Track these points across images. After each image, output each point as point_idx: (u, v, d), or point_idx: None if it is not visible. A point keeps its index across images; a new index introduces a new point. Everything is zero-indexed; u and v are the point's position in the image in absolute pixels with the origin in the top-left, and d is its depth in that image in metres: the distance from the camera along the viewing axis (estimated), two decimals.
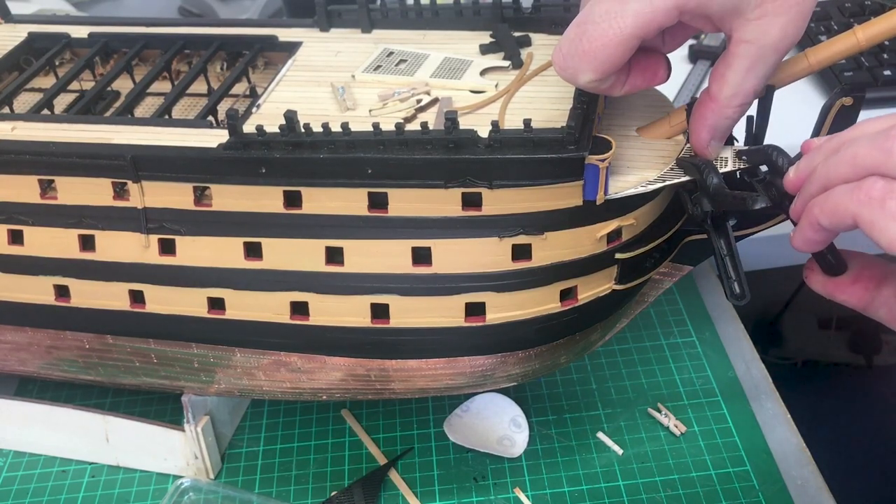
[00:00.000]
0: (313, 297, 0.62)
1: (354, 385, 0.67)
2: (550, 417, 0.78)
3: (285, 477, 0.75)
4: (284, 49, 0.73)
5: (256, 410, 0.81)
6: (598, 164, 0.55)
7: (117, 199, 0.63)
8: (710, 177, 0.55)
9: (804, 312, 1.26)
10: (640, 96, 0.65)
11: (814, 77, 1.01)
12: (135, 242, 0.63)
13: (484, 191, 0.57)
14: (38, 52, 0.77)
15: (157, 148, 0.61)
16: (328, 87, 0.66)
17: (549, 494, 0.72)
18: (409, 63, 0.68)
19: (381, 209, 0.59)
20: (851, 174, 0.45)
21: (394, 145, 0.57)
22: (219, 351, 0.67)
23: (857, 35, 0.55)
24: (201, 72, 0.72)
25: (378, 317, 0.62)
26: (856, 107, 0.57)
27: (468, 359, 0.64)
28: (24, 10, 1.02)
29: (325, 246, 0.61)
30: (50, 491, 0.76)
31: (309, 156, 0.58)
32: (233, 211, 0.61)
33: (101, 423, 0.75)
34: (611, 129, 0.63)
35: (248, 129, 0.59)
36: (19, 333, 0.71)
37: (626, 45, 0.52)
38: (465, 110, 0.62)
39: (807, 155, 0.51)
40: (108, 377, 0.72)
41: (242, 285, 0.63)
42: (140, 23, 0.78)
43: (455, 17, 0.72)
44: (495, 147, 0.55)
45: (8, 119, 0.66)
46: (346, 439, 0.78)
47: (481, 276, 0.60)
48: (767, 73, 0.55)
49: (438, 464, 0.75)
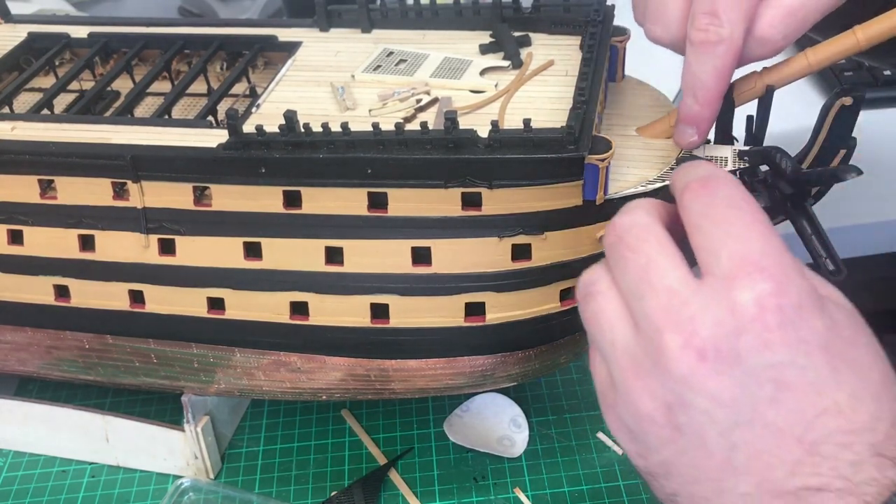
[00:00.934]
0: (313, 297, 0.62)
1: (354, 385, 0.67)
2: (550, 417, 0.78)
3: (285, 477, 0.75)
4: (284, 49, 0.73)
5: (256, 410, 0.81)
6: (597, 163, 0.55)
7: (117, 198, 0.63)
8: (784, 160, 0.55)
9: None
10: (640, 96, 0.65)
11: (814, 77, 1.01)
12: (134, 242, 0.63)
13: (484, 191, 0.57)
14: (37, 52, 0.77)
15: (157, 148, 0.61)
16: (328, 87, 0.66)
17: (548, 494, 0.72)
18: (408, 63, 0.68)
19: (381, 209, 0.59)
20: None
21: (393, 145, 0.56)
22: (218, 351, 0.67)
23: (856, 35, 0.55)
24: (201, 72, 0.72)
25: (378, 317, 0.62)
26: (855, 107, 0.57)
27: (468, 359, 0.64)
28: (24, 10, 1.02)
29: (324, 246, 0.61)
30: (50, 491, 0.76)
31: (309, 156, 0.58)
32: (232, 211, 0.61)
33: (101, 423, 0.75)
34: (610, 128, 0.63)
35: (248, 129, 0.59)
36: (19, 333, 0.71)
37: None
38: (465, 110, 0.62)
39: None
40: (107, 377, 0.72)
41: (242, 285, 0.63)
42: (140, 23, 0.78)
43: (455, 17, 0.72)
44: (495, 147, 0.55)
45: (8, 119, 0.66)
46: (346, 439, 0.78)
47: (481, 275, 0.60)
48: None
49: (438, 464, 0.75)
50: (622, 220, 0.46)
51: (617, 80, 0.67)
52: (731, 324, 0.41)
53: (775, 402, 0.40)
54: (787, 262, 0.42)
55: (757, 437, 0.41)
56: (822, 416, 0.40)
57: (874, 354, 0.43)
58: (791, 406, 0.40)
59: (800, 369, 0.41)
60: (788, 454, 0.40)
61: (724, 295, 0.41)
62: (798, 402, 0.40)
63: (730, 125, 0.60)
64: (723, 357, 0.41)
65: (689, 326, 0.41)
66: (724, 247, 0.42)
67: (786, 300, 0.41)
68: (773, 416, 0.41)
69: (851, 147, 0.59)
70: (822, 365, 0.41)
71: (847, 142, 0.59)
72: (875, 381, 0.42)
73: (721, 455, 0.42)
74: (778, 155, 0.56)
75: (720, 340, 0.41)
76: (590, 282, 0.47)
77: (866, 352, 0.43)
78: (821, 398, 0.40)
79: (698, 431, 0.42)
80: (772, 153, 0.56)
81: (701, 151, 0.59)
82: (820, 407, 0.40)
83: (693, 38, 0.52)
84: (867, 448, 0.40)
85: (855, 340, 0.43)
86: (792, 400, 0.40)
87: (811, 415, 0.40)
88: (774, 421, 0.40)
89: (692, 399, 0.42)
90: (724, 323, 0.41)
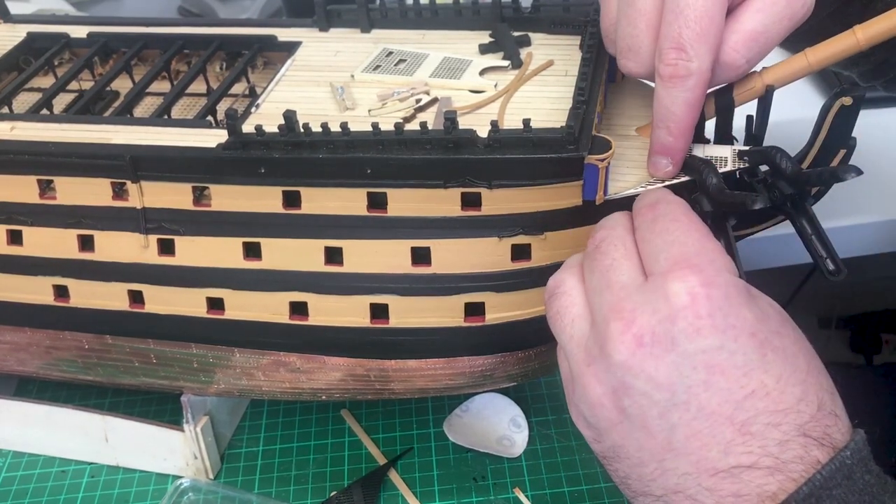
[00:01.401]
0: (312, 297, 0.62)
1: (354, 385, 0.67)
2: (550, 417, 0.78)
3: (285, 477, 0.75)
4: (283, 49, 0.73)
5: (256, 410, 0.81)
6: (597, 164, 0.55)
7: (116, 199, 0.63)
8: (710, 177, 0.55)
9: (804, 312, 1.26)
10: (640, 96, 0.65)
11: (814, 78, 1.01)
12: (134, 242, 0.63)
13: (483, 191, 0.57)
14: (36, 52, 0.77)
15: (157, 148, 0.61)
16: (327, 87, 0.66)
17: (548, 494, 0.72)
18: (408, 63, 0.68)
19: (381, 209, 0.59)
20: None
21: (393, 145, 0.56)
22: (218, 351, 0.67)
23: (856, 35, 0.55)
24: (200, 71, 0.72)
25: (377, 317, 0.62)
26: (855, 107, 0.57)
27: (468, 359, 0.64)
28: (24, 10, 1.02)
29: (324, 246, 0.60)
30: (49, 491, 0.76)
31: (308, 156, 0.58)
32: (232, 211, 0.61)
33: (101, 423, 0.75)
34: (610, 129, 0.62)
35: (248, 129, 0.59)
36: (18, 334, 0.71)
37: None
38: (465, 110, 0.62)
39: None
40: (107, 377, 0.72)
41: (242, 285, 0.63)
42: (139, 23, 0.78)
43: (454, 17, 0.72)
44: (495, 147, 0.55)
45: (7, 119, 0.66)
46: (345, 439, 0.78)
47: (481, 276, 0.60)
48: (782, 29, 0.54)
49: (438, 464, 0.75)
50: (601, 232, 0.51)
51: (616, 80, 0.67)
52: (665, 312, 0.45)
53: (707, 384, 0.44)
54: (719, 260, 0.46)
55: (692, 417, 0.44)
56: (750, 397, 0.43)
57: (801, 345, 0.46)
58: (721, 387, 0.44)
59: (729, 353, 0.44)
60: (721, 434, 0.44)
61: (660, 288, 0.45)
62: (728, 383, 0.44)
63: (729, 125, 0.60)
64: (658, 342, 0.45)
65: (629, 315, 0.46)
66: (663, 251, 0.47)
67: (715, 290, 0.45)
68: (706, 398, 0.44)
69: (851, 147, 0.59)
70: (751, 350, 0.44)
71: (847, 142, 0.59)
72: (801, 369, 0.45)
73: (662, 436, 0.45)
74: (778, 155, 0.55)
75: (656, 327, 0.45)
76: (556, 284, 0.52)
77: (793, 342, 0.46)
78: (749, 380, 0.44)
79: (640, 414, 0.45)
80: (771, 153, 0.56)
81: (701, 151, 0.59)
82: (749, 388, 0.44)
83: (662, 72, 0.53)
84: (794, 428, 0.43)
85: (782, 332, 0.46)
86: (722, 381, 0.44)
87: (740, 396, 0.44)
88: (707, 402, 0.44)
89: (632, 382, 0.45)
90: (659, 311, 0.45)
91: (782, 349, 0.45)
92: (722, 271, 0.46)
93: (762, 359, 0.44)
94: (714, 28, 0.52)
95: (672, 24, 0.52)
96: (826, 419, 0.44)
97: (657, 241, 0.48)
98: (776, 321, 0.46)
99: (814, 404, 0.44)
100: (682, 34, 0.51)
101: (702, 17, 0.51)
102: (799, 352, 0.46)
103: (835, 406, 0.45)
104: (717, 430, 0.44)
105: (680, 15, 0.51)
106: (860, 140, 0.59)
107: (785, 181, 0.55)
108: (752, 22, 0.53)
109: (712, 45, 0.52)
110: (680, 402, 0.44)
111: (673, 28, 0.52)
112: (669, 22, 0.52)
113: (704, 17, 0.51)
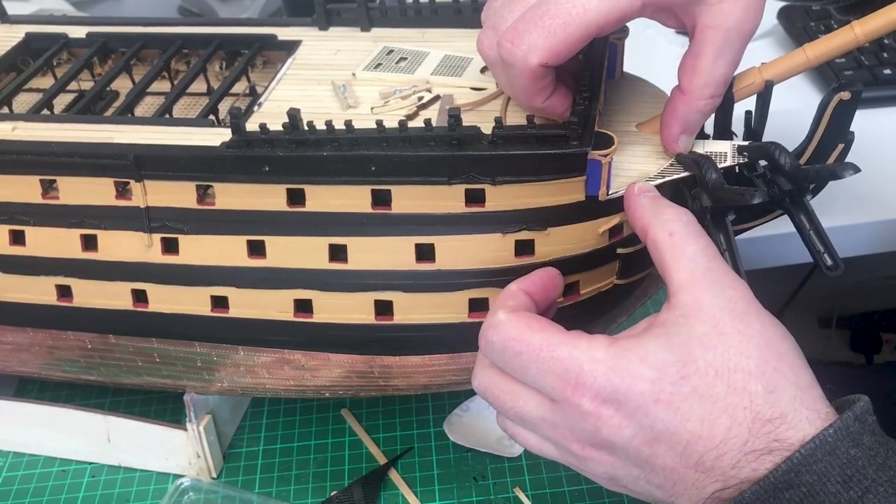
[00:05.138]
0: (317, 295, 0.62)
1: (357, 382, 0.67)
2: None
3: (285, 476, 0.75)
4: (284, 48, 0.73)
5: (256, 410, 0.81)
6: (600, 159, 0.55)
7: (120, 198, 0.63)
8: (709, 172, 0.56)
9: (804, 312, 1.26)
10: (641, 92, 0.66)
11: (814, 75, 1.01)
12: (137, 242, 0.63)
13: (487, 187, 0.57)
14: (35, 52, 0.77)
15: (160, 147, 0.61)
16: (329, 86, 0.67)
17: (548, 494, 0.72)
18: (409, 61, 0.68)
19: (385, 206, 0.59)
20: None
21: (397, 142, 0.57)
22: (222, 349, 0.67)
23: (854, 30, 0.56)
24: (201, 71, 0.72)
25: (382, 313, 0.62)
26: (853, 102, 0.57)
27: (471, 354, 0.64)
28: (23, 10, 1.02)
29: (328, 243, 0.61)
30: (50, 491, 0.75)
31: (312, 154, 0.58)
32: (236, 209, 0.61)
33: (104, 424, 0.74)
34: (611, 125, 0.63)
35: (251, 128, 0.59)
36: (21, 334, 0.70)
37: (585, 30, 0.52)
38: (468, 107, 0.62)
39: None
40: (110, 377, 0.72)
41: (246, 283, 0.63)
42: (138, 22, 0.78)
43: (454, 16, 0.72)
44: (498, 143, 0.56)
45: (8, 119, 0.66)
46: (345, 439, 0.78)
47: (485, 271, 0.60)
48: (735, 60, 0.55)
49: (438, 463, 0.75)
50: (478, 386, 0.57)
51: (616, 76, 0.68)
52: (587, 428, 0.50)
53: (653, 454, 0.49)
54: (581, 356, 0.50)
55: (664, 477, 0.50)
56: (688, 447, 0.48)
57: (714, 368, 0.49)
58: (664, 451, 0.49)
59: (649, 428, 0.49)
60: (687, 478, 0.49)
61: (571, 409, 0.51)
62: (667, 446, 0.49)
63: (729, 120, 0.61)
64: (603, 449, 0.51)
65: (565, 442, 0.53)
66: (544, 385, 0.51)
67: (606, 390, 0.49)
68: (660, 462, 0.49)
69: (849, 141, 0.60)
70: (663, 413, 0.48)
71: (845, 136, 0.59)
72: (720, 398, 0.48)
73: (659, 493, 0.51)
74: (777, 151, 0.56)
75: (589, 442, 0.51)
76: (501, 424, 0.57)
77: (703, 374, 0.48)
78: (678, 436, 0.48)
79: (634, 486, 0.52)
80: (770, 149, 0.56)
81: (701, 147, 0.60)
82: (682, 441, 0.48)
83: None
84: (736, 452, 0.48)
85: (685, 373, 0.49)
86: (662, 447, 0.49)
87: (680, 450, 0.49)
88: (663, 464, 0.49)
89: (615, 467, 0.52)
90: (584, 430, 0.51)
91: (692, 392, 0.48)
92: (595, 363, 0.49)
93: (677, 414, 0.48)
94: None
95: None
96: (764, 428, 0.47)
97: (529, 378, 0.52)
98: (674, 367, 0.48)
99: (745, 424, 0.48)
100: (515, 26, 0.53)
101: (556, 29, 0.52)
102: (715, 378, 0.48)
103: (775, 406, 0.48)
104: (683, 477, 0.49)
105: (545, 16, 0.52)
106: (859, 140, 0.59)
107: (784, 177, 0.56)
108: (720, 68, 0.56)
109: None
110: (649, 472, 0.50)
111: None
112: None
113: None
